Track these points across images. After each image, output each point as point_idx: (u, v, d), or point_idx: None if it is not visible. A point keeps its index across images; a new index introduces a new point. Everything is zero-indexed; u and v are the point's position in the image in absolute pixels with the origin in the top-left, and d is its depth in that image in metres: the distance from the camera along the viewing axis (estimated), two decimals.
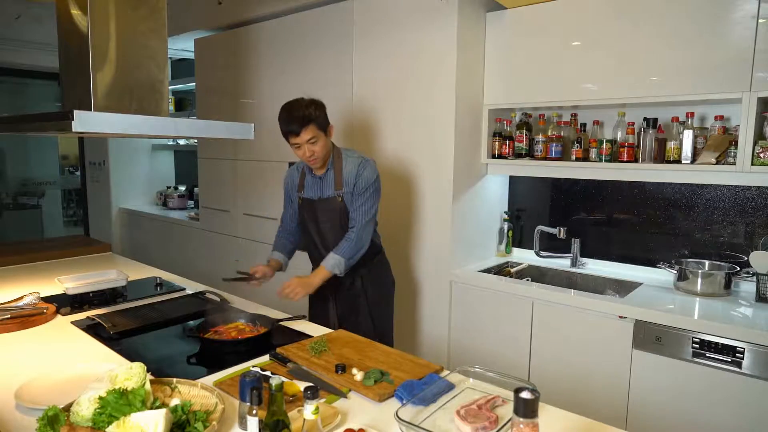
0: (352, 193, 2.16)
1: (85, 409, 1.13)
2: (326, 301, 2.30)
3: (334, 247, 2.17)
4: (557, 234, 2.82)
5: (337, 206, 2.18)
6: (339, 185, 2.17)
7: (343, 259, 2.13)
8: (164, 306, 2.17)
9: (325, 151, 2.12)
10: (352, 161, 2.18)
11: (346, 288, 2.28)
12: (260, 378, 1.16)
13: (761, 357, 1.89)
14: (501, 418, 1.26)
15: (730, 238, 2.46)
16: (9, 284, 2.42)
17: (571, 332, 2.35)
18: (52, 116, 1.51)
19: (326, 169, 2.19)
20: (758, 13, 2.05)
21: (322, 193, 2.21)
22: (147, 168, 5.38)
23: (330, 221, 2.21)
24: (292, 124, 2.04)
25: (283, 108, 2.10)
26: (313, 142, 2.06)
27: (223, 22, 3.88)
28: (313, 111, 2.05)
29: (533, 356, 2.47)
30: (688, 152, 2.29)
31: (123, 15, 1.77)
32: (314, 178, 2.23)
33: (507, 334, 2.56)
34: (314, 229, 2.27)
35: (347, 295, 2.29)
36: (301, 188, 2.28)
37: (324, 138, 2.10)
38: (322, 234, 2.25)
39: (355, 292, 2.28)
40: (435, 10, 2.67)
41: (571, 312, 2.34)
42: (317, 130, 2.06)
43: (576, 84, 2.54)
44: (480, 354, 2.67)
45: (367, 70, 3.00)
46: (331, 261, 2.13)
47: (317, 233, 2.26)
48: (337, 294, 2.29)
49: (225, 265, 4.14)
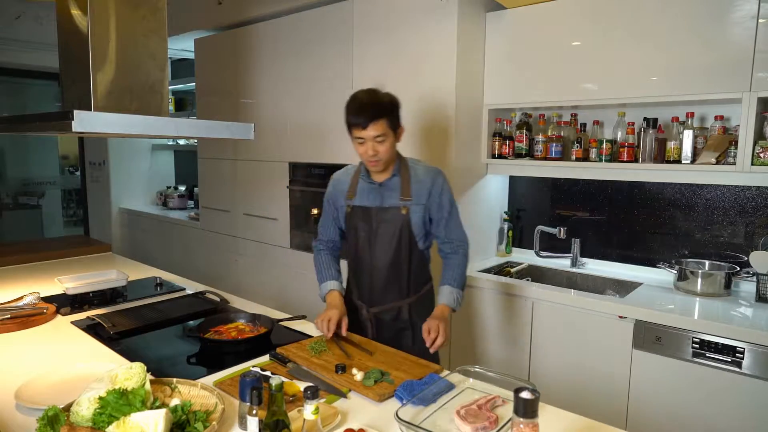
0: (424, 205, 1.88)
1: (85, 409, 1.13)
2: (364, 333, 1.93)
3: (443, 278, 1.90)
4: (557, 234, 2.82)
5: (400, 218, 1.87)
6: (406, 194, 1.87)
7: (461, 291, 1.91)
8: (164, 306, 2.17)
9: (390, 154, 1.84)
10: (422, 170, 1.91)
11: (390, 319, 1.95)
12: (260, 378, 1.16)
13: (761, 357, 1.89)
14: (501, 418, 1.26)
15: (730, 238, 2.46)
16: (9, 284, 2.42)
17: (571, 332, 2.35)
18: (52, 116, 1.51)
19: (391, 175, 1.90)
20: (758, 13, 2.05)
21: (382, 202, 1.90)
22: (147, 168, 5.38)
23: (388, 234, 1.89)
24: (361, 115, 1.77)
25: (355, 96, 1.84)
26: (380, 140, 1.78)
27: (223, 22, 3.88)
28: (388, 105, 1.80)
29: (533, 356, 2.47)
30: (688, 152, 2.29)
31: (123, 15, 1.77)
32: (372, 184, 1.92)
33: (507, 334, 2.55)
34: (365, 242, 1.93)
35: (391, 327, 1.95)
36: (352, 194, 1.95)
37: (392, 139, 1.83)
38: (375, 250, 1.91)
39: (400, 324, 1.95)
40: (435, 10, 2.67)
41: (571, 312, 2.34)
42: (387, 128, 1.79)
43: (576, 84, 2.54)
44: (480, 354, 2.67)
45: (367, 69, 3.00)
46: (450, 295, 1.88)
47: (368, 246, 1.92)
48: (378, 325, 1.96)
49: (225, 265, 4.15)
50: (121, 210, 5.28)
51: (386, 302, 1.94)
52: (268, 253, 3.76)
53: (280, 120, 3.55)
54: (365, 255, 1.94)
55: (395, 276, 1.92)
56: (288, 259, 3.60)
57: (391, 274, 1.91)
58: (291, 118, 3.48)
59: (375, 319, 1.95)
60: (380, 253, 1.90)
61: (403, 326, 1.94)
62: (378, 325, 1.95)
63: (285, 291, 3.64)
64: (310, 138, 3.38)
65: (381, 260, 1.91)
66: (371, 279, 1.94)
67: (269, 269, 3.76)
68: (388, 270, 1.91)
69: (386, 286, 1.92)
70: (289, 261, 3.59)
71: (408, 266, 1.91)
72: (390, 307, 1.94)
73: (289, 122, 3.50)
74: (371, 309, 1.95)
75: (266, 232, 3.75)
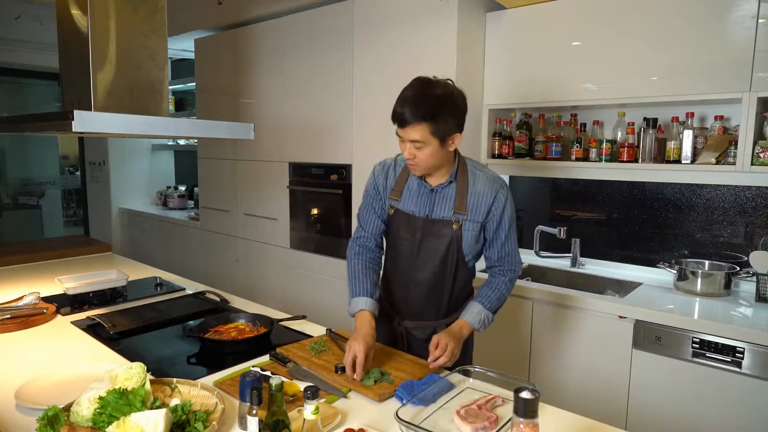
0: (481, 223, 1.64)
1: (85, 409, 1.13)
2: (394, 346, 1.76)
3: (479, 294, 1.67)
4: (557, 234, 2.82)
5: (449, 234, 1.64)
6: (461, 207, 1.63)
7: (491, 315, 1.66)
8: (164, 306, 2.17)
9: (432, 162, 1.58)
10: (483, 180, 1.65)
11: (423, 337, 1.74)
12: (260, 378, 1.16)
13: (761, 357, 1.89)
14: (501, 418, 1.26)
15: (730, 238, 2.46)
16: (9, 284, 2.42)
17: (571, 332, 2.35)
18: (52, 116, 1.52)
19: (447, 181, 1.65)
20: (758, 13, 2.05)
21: (432, 212, 1.66)
22: (147, 168, 5.38)
23: (434, 250, 1.66)
24: (401, 111, 1.52)
25: (409, 84, 1.57)
26: (419, 147, 1.53)
27: (223, 22, 3.88)
28: (436, 108, 1.50)
29: (533, 356, 2.47)
30: (688, 152, 2.29)
31: (123, 15, 1.77)
32: (424, 187, 1.67)
33: (507, 334, 2.55)
34: (408, 252, 1.70)
35: (423, 346, 1.64)
36: (397, 194, 1.70)
37: (437, 148, 1.54)
38: (418, 263, 1.69)
39: None
40: (435, 10, 2.67)
41: (571, 312, 2.34)
42: (429, 135, 1.51)
43: (576, 84, 2.54)
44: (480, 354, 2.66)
45: (367, 69, 3.00)
46: (478, 315, 1.63)
47: (410, 260, 1.70)
48: (410, 339, 1.78)
49: (225, 265, 4.15)
50: (121, 210, 5.28)
51: (421, 319, 1.75)
52: (268, 253, 3.76)
53: (280, 120, 3.55)
54: (404, 266, 1.72)
55: (435, 295, 1.71)
56: (288, 259, 3.60)
57: (431, 293, 1.71)
58: (291, 118, 3.48)
59: (407, 333, 1.77)
60: (422, 268, 1.69)
61: None
62: (409, 340, 1.77)
63: (285, 291, 3.64)
64: (310, 138, 3.38)
65: (421, 276, 1.70)
66: (408, 292, 1.74)
67: (269, 269, 3.77)
68: (427, 287, 1.70)
69: (423, 303, 1.73)
70: (289, 261, 3.59)
71: (451, 286, 1.70)
72: (424, 324, 1.75)
73: (289, 122, 3.50)
74: (403, 322, 1.77)
75: (266, 232, 3.75)
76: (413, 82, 1.56)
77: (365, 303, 1.64)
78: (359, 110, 3.06)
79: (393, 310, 1.80)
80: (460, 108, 1.56)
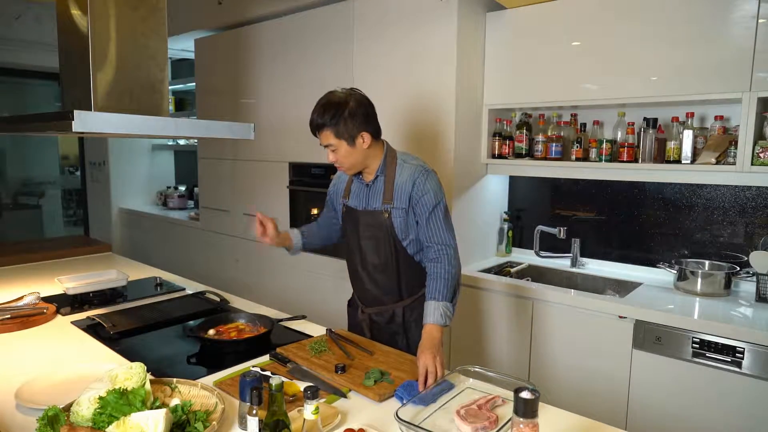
0: (406, 209, 1.78)
1: (85, 409, 1.13)
2: (360, 334, 1.92)
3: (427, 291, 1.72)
4: (557, 234, 2.82)
5: (382, 221, 1.80)
6: (388, 198, 1.79)
7: (449, 304, 1.68)
8: (164, 306, 2.17)
9: (353, 160, 1.76)
10: (407, 170, 1.80)
11: (384, 322, 1.91)
12: (260, 378, 1.16)
13: (761, 357, 1.89)
14: (501, 418, 1.26)
15: (730, 238, 2.46)
16: (9, 284, 2.42)
17: (571, 332, 2.35)
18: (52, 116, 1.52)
19: (375, 176, 1.82)
20: (758, 13, 2.05)
21: (367, 204, 1.84)
22: (147, 168, 5.38)
23: (373, 238, 1.83)
24: (312, 119, 1.75)
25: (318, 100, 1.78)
26: (333, 150, 1.74)
27: (223, 22, 3.88)
28: (332, 114, 1.69)
29: (533, 356, 2.47)
30: (688, 152, 2.29)
31: (123, 15, 1.77)
32: (362, 184, 1.87)
33: (507, 334, 2.56)
34: (355, 244, 1.90)
35: (384, 330, 1.90)
36: (347, 194, 1.92)
37: (347, 147, 1.73)
38: (363, 251, 1.88)
39: (393, 328, 1.89)
40: (435, 10, 2.67)
41: (571, 312, 2.34)
42: (335, 138, 1.71)
43: (576, 84, 2.54)
44: (480, 354, 2.67)
45: (367, 69, 3.00)
46: (436, 311, 1.65)
47: (358, 249, 1.89)
48: (372, 327, 1.93)
49: (225, 265, 4.15)
50: (121, 210, 5.28)
51: (379, 304, 1.90)
52: (268, 253, 3.76)
53: (280, 120, 3.55)
54: (355, 257, 1.91)
55: (385, 279, 1.86)
56: (288, 259, 3.59)
57: (380, 278, 1.87)
58: (291, 118, 3.48)
59: (369, 320, 1.93)
60: (368, 256, 1.86)
61: (396, 330, 1.89)
62: (372, 326, 1.93)
63: (285, 291, 3.64)
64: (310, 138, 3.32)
65: (369, 263, 1.87)
66: (363, 281, 1.91)
67: (269, 269, 3.77)
68: (376, 273, 1.87)
69: (377, 289, 1.89)
70: (289, 261, 3.59)
71: (396, 270, 1.84)
72: (383, 309, 1.90)
73: (289, 122, 3.50)
74: (366, 310, 1.93)
75: None
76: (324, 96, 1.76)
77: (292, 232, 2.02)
78: None
79: (357, 300, 1.98)
80: (357, 110, 1.72)
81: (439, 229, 1.77)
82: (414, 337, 1.80)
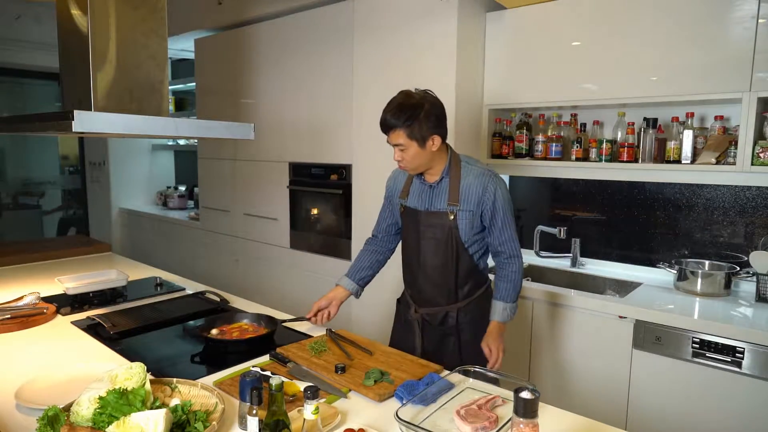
0: (473, 212, 1.81)
1: (85, 409, 1.13)
2: (411, 332, 1.95)
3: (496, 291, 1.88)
4: (557, 234, 2.82)
5: (446, 223, 1.82)
6: (454, 199, 1.81)
7: (514, 306, 1.87)
8: (164, 306, 2.17)
9: (419, 161, 1.78)
10: (474, 173, 1.82)
11: (437, 323, 1.91)
12: (260, 378, 1.16)
13: (761, 357, 1.89)
14: (501, 418, 1.26)
15: (730, 238, 2.46)
16: (9, 284, 2.42)
17: (571, 332, 2.35)
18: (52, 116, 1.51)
19: (440, 178, 1.84)
20: (758, 13, 2.05)
21: (431, 205, 1.85)
22: (147, 168, 5.38)
23: (434, 239, 1.85)
24: (385, 117, 1.76)
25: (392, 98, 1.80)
26: (401, 150, 1.76)
27: (223, 22, 3.88)
28: (409, 115, 1.71)
29: (533, 356, 2.47)
30: (688, 152, 2.29)
31: (123, 15, 1.77)
32: (424, 185, 1.88)
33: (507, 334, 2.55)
34: (414, 244, 1.91)
35: (437, 331, 1.92)
36: (405, 194, 1.93)
37: (417, 149, 1.74)
38: (422, 251, 1.88)
39: (446, 330, 1.91)
40: (435, 10, 2.67)
41: (571, 312, 2.34)
42: (407, 139, 1.73)
43: (576, 84, 2.54)
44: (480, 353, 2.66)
45: (367, 69, 3.00)
46: (504, 311, 1.85)
47: (416, 249, 1.90)
48: (423, 327, 1.94)
49: (225, 265, 4.15)
50: (121, 210, 5.28)
51: (433, 305, 1.91)
52: (268, 253, 3.76)
53: (280, 120, 3.55)
54: (413, 256, 1.92)
55: (442, 280, 1.87)
56: (288, 259, 3.60)
57: (438, 279, 1.88)
58: (291, 118, 3.48)
59: (422, 320, 1.93)
60: (427, 256, 1.88)
61: (449, 332, 1.90)
62: (424, 327, 1.93)
63: (285, 291, 3.64)
64: (310, 138, 3.38)
65: (428, 264, 1.88)
66: (419, 281, 1.92)
67: (269, 269, 3.76)
68: (434, 274, 1.88)
69: (433, 290, 1.90)
70: (289, 261, 3.59)
71: (455, 272, 1.86)
72: (437, 310, 1.90)
73: (289, 122, 3.50)
74: (419, 309, 1.93)
75: (266, 232, 3.75)
76: (396, 96, 1.78)
77: (344, 282, 2.03)
78: (359, 110, 3.05)
79: (411, 299, 1.97)
80: (431, 113, 1.73)
81: (512, 238, 1.87)
82: (466, 339, 1.89)
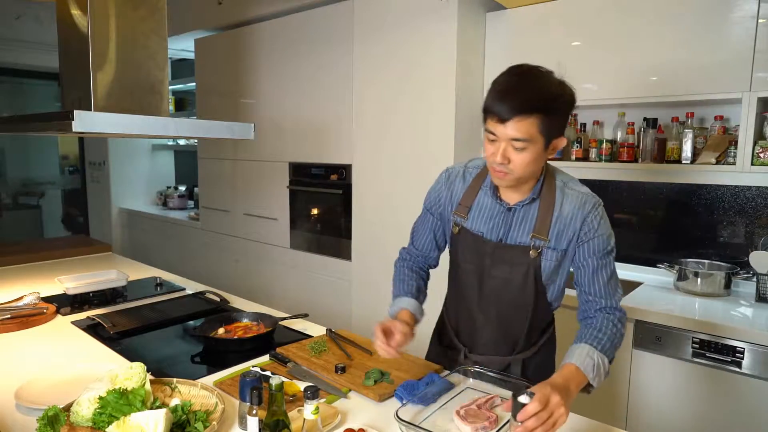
0: (564, 251, 1.34)
1: (85, 409, 1.13)
2: None
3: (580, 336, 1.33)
4: None
5: (526, 261, 1.35)
6: (542, 231, 1.33)
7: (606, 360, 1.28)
8: (164, 306, 2.17)
9: (530, 170, 1.26)
10: (573, 200, 1.33)
11: None
12: (260, 378, 1.16)
13: (761, 357, 1.89)
14: (501, 418, 1.26)
15: (730, 238, 2.46)
16: (9, 284, 2.42)
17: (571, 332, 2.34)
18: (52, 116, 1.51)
19: (528, 198, 1.35)
20: (758, 13, 2.05)
21: (506, 236, 1.37)
22: (147, 168, 5.39)
23: (508, 280, 1.38)
24: (503, 101, 1.19)
25: (507, 72, 1.26)
26: (519, 146, 1.21)
27: (223, 22, 3.88)
28: (549, 99, 1.21)
29: None
30: (688, 152, 2.29)
31: (123, 15, 1.77)
32: (498, 204, 1.38)
33: None
34: (474, 282, 1.43)
35: None
36: (464, 211, 1.42)
37: (539, 149, 1.23)
38: (486, 294, 1.42)
39: None
40: (435, 10, 2.67)
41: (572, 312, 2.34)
42: (537, 133, 1.20)
43: (576, 84, 2.52)
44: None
45: (367, 69, 3.00)
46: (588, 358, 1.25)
47: (477, 289, 1.43)
48: None
49: (225, 265, 4.15)
50: (121, 210, 5.28)
51: (492, 353, 1.48)
52: (268, 253, 3.76)
53: (280, 120, 3.55)
54: (471, 294, 1.45)
55: (508, 328, 1.45)
56: (288, 259, 3.60)
57: (503, 325, 1.45)
58: (291, 118, 3.48)
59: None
60: (491, 301, 1.42)
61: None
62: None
63: (285, 291, 3.64)
64: (310, 138, 3.38)
65: (491, 310, 1.44)
66: (475, 324, 1.47)
67: (269, 269, 3.76)
68: (498, 320, 1.44)
69: (494, 334, 1.46)
70: (289, 261, 3.59)
71: (528, 318, 1.43)
72: (497, 360, 1.48)
73: (289, 122, 3.50)
74: (471, 356, 1.50)
75: (266, 232, 3.75)
76: (514, 70, 1.24)
77: (407, 303, 1.45)
78: (359, 110, 3.06)
79: (458, 340, 1.54)
80: (569, 107, 1.27)
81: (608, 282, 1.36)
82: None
